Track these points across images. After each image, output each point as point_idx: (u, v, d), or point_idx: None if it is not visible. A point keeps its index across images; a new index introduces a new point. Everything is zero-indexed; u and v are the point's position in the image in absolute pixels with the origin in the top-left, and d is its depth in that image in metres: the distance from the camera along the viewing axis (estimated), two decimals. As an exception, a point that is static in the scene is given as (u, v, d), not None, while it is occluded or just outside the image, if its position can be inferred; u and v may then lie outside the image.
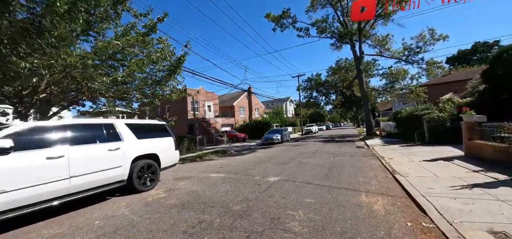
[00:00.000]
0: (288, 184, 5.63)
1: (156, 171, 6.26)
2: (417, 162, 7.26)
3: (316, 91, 27.73)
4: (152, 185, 6.10)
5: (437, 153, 8.73)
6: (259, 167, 8.33)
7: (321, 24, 21.06)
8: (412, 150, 10.14)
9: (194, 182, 6.53)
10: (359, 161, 8.56)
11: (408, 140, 13.39)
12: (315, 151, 12.46)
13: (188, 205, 4.47)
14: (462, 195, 4.02)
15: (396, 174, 5.91)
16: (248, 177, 6.71)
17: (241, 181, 6.24)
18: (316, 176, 6.36)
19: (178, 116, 30.48)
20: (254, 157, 11.38)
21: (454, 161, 6.94)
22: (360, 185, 5.20)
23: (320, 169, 7.24)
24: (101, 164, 4.99)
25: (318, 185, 5.36)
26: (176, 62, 7.89)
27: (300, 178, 6.21)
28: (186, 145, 16.28)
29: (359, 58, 21.12)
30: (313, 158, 9.68)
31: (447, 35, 19.31)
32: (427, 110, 13.29)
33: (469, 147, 7.65)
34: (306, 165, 8.19)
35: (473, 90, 13.58)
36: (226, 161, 10.86)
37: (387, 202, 4.10)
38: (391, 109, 41.92)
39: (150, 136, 6.41)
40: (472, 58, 51.28)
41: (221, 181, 6.36)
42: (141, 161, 5.90)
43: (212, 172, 8.02)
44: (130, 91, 8.29)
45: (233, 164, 9.48)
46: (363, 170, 6.84)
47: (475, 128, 7.63)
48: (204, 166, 9.74)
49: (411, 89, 22.31)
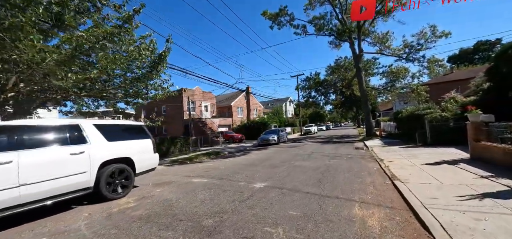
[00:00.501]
0: (274, 191, 5.02)
1: (130, 177, 5.67)
2: (418, 166, 6.64)
3: (315, 90, 27.07)
4: (125, 192, 5.51)
5: (440, 155, 8.11)
6: (248, 171, 7.73)
7: (318, 21, 20.45)
8: (413, 152, 9.52)
9: (173, 189, 5.94)
10: (356, 164, 7.94)
11: (409, 141, 12.76)
12: (311, 152, 11.85)
13: (154, 218, 3.88)
14: (472, 207, 3.41)
15: (395, 180, 5.30)
16: (232, 182, 6.11)
17: (223, 187, 5.65)
18: (307, 181, 5.75)
19: (174, 117, 30.09)
20: (246, 160, 10.78)
21: (459, 165, 6.31)
22: (355, 194, 4.59)
23: (312, 174, 6.63)
24: (61, 170, 4.40)
25: (307, 193, 4.75)
26: (157, 58, 7.30)
27: (289, 184, 5.61)
28: (179, 146, 15.71)
29: (358, 56, 20.48)
30: (307, 161, 9.07)
31: (449, 32, 18.64)
32: (429, 110, 12.66)
33: (475, 149, 7.02)
34: (298, 168, 7.59)
35: (477, 88, 12.97)
36: (216, 163, 10.26)
37: (384, 215, 3.49)
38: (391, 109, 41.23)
39: (124, 138, 5.82)
40: (474, 57, 50.52)
41: (202, 188, 5.77)
42: (112, 165, 5.32)
43: (197, 176, 7.43)
44: (109, 90, 7.70)
45: (222, 167, 8.89)
46: (359, 175, 6.23)
47: (482, 128, 7.01)
48: (191, 169, 9.15)
49: (412, 88, 21.64)
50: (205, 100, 30.79)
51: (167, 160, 12.39)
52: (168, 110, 31.20)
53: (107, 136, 5.43)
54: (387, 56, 22.29)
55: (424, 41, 19.39)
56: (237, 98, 35.88)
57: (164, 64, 8.00)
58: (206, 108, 31.07)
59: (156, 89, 8.95)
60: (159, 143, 14.43)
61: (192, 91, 28.88)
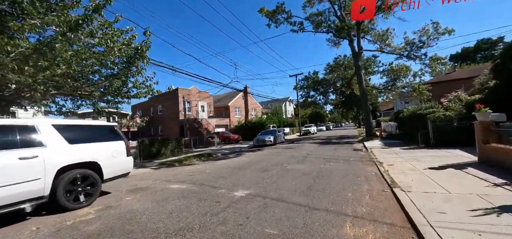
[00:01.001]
0: (256, 201, 4.38)
1: (96, 184, 5.04)
2: (421, 170, 5.97)
3: (313, 90, 26.36)
4: (89, 201, 4.88)
5: (445, 158, 7.44)
6: (235, 175, 7.08)
7: (316, 18, 19.76)
8: (415, 154, 8.84)
9: (145, 196, 5.30)
10: (353, 168, 7.28)
11: (410, 142, 12.09)
12: (306, 154, 11.19)
13: (106, 235, 3.25)
14: (488, 226, 2.75)
15: (395, 188, 4.64)
16: (212, 190, 5.47)
17: (201, 196, 5.00)
18: (295, 189, 5.10)
19: (171, 117, 29.46)
20: (237, 162, 10.14)
21: (467, 170, 5.64)
22: (348, 205, 3.93)
23: (304, 179, 5.98)
24: (5, 177, 3.78)
25: (293, 204, 4.10)
26: (134, 53, 6.66)
27: (275, 192, 4.96)
28: (171, 147, 15.05)
29: (357, 54, 19.80)
30: (301, 164, 8.41)
31: (452, 29, 17.93)
32: (431, 109, 11.98)
33: (484, 152, 6.35)
34: (290, 172, 6.94)
35: (482, 86, 12.31)
36: (204, 166, 9.62)
37: (380, 235, 2.85)
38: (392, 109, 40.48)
39: (90, 140, 5.19)
40: (476, 56, 49.63)
41: (177, 196, 5.13)
42: (73, 171, 4.70)
43: (178, 181, 6.79)
44: (84, 88, 7.08)
45: (208, 171, 8.24)
46: (355, 181, 5.57)
47: (491, 128, 6.34)
48: (176, 173, 8.51)
49: (414, 87, 20.93)
50: (201, 100, 30.17)
51: (156, 162, 11.76)
52: (164, 110, 30.63)
53: (68, 138, 4.81)
54: (388, 54, 21.61)
55: (426, 38, 18.68)
56: (234, 98, 35.23)
57: (144, 60, 7.38)
58: (202, 108, 30.45)
59: (138, 87, 8.32)
60: (149, 144, 13.80)
61: (188, 90, 28.28)
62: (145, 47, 6.76)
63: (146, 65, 7.76)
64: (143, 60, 7.54)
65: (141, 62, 7.57)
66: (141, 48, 6.63)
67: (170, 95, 28.80)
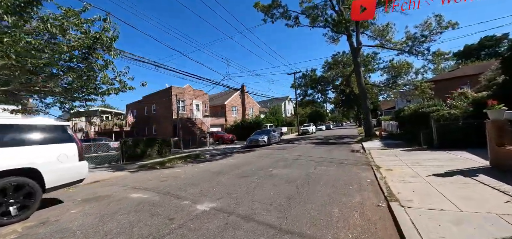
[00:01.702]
0: (217, 220, 3.52)
1: (34, 194, 4.21)
2: (424, 178, 5.09)
3: (311, 88, 25.43)
4: (23, 214, 4.06)
5: (451, 161, 6.55)
6: (210, 182, 6.23)
7: (312, 11, 18.80)
8: (417, 156, 7.95)
9: (95, 208, 4.48)
10: (346, 173, 6.41)
11: (412, 143, 11.20)
12: (298, 156, 10.32)
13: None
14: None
15: (393, 202, 3.77)
16: (174, 201, 4.62)
17: (156, 210, 4.16)
18: (272, 201, 4.24)
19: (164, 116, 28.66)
20: (221, 165, 9.27)
21: (479, 177, 4.76)
22: (330, 228, 3.07)
23: (286, 188, 5.12)
24: None
25: (262, 225, 3.25)
26: (91, 42, 5.80)
27: (246, 206, 4.10)
28: (157, 148, 14.22)
29: (356, 50, 18.85)
30: (288, 168, 7.55)
31: (456, 22, 16.91)
32: (435, 107, 11.06)
33: (498, 155, 5.45)
34: (272, 179, 6.07)
35: (489, 83, 11.41)
36: (183, 170, 8.78)
37: (366, 282, 1.98)
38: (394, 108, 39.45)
39: (27, 143, 4.36)
40: (480, 53, 48.35)
41: (130, 209, 4.29)
42: (2, 180, 3.88)
43: (144, 189, 5.95)
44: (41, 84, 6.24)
45: (184, 176, 7.40)
46: (345, 191, 4.70)
47: (507, 128, 5.45)
48: (149, 177, 7.69)
49: (416, 84, 19.98)
50: (196, 99, 29.35)
51: (137, 165, 10.96)
52: (158, 109, 29.89)
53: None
54: (388, 49, 20.63)
55: (428, 33, 17.71)
56: (231, 96, 34.38)
57: (110, 52, 6.53)
58: (197, 107, 29.64)
59: (108, 83, 7.49)
60: (133, 145, 12.99)
61: (182, 89, 27.48)
62: (105, 36, 5.88)
63: (113, 58, 6.91)
64: (109, 52, 6.70)
65: (107, 54, 6.73)
66: (100, 36, 5.76)
67: (164, 94, 28.06)
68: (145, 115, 31.54)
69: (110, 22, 5.97)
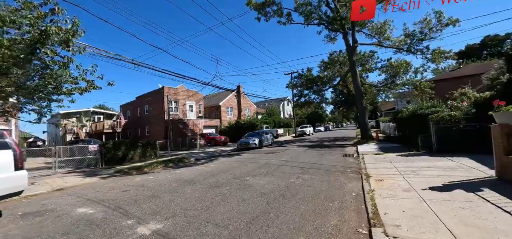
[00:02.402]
0: (149, 252, 2.75)
1: None
2: (418, 193, 4.30)
3: (307, 88, 24.61)
4: None
5: (451, 170, 5.76)
6: (173, 193, 5.45)
7: (305, 8, 18.02)
8: (414, 163, 7.15)
9: (26, 227, 3.76)
10: (331, 184, 5.61)
11: (410, 147, 10.41)
12: (284, 161, 9.53)
13: None
14: None
15: (376, 227, 3.00)
16: (116, 220, 3.85)
17: (86, 233, 3.39)
18: (228, 224, 3.46)
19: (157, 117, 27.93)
20: (197, 172, 8.42)
21: (484, 192, 3.97)
22: (287, 268, 2.29)
23: (255, 203, 4.35)
24: None
25: (200, 262, 2.47)
26: (38, 36, 5.06)
27: (196, 229, 3.32)
28: (140, 151, 13.47)
29: (352, 48, 18.07)
30: (267, 176, 6.76)
31: (457, 19, 16.09)
32: (434, 108, 10.26)
33: (505, 165, 4.65)
34: (244, 191, 5.28)
35: (493, 83, 10.62)
36: (155, 177, 7.99)
37: None
38: (394, 109, 38.57)
39: None
40: (481, 53, 47.44)
41: (59, 231, 3.53)
42: None
43: (95, 201, 5.19)
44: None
45: (150, 185, 6.62)
46: (323, 209, 3.92)
47: (516, 133, 4.66)
48: (115, 186, 6.92)
49: (415, 84, 19.17)
50: (189, 100, 28.59)
51: (114, 169, 10.20)
52: (151, 110, 29.14)
53: None
54: (386, 48, 19.81)
55: (428, 30, 16.90)
56: (226, 97, 33.59)
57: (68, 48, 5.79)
58: (191, 108, 28.89)
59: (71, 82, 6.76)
60: (113, 148, 12.24)
61: (174, 89, 26.73)
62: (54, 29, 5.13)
63: (72, 54, 6.18)
64: (67, 48, 5.96)
65: (65, 51, 5.99)
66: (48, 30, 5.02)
67: (157, 94, 27.32)
68: (138, 116, 30.82)
69: (61, 13, 5.21)
